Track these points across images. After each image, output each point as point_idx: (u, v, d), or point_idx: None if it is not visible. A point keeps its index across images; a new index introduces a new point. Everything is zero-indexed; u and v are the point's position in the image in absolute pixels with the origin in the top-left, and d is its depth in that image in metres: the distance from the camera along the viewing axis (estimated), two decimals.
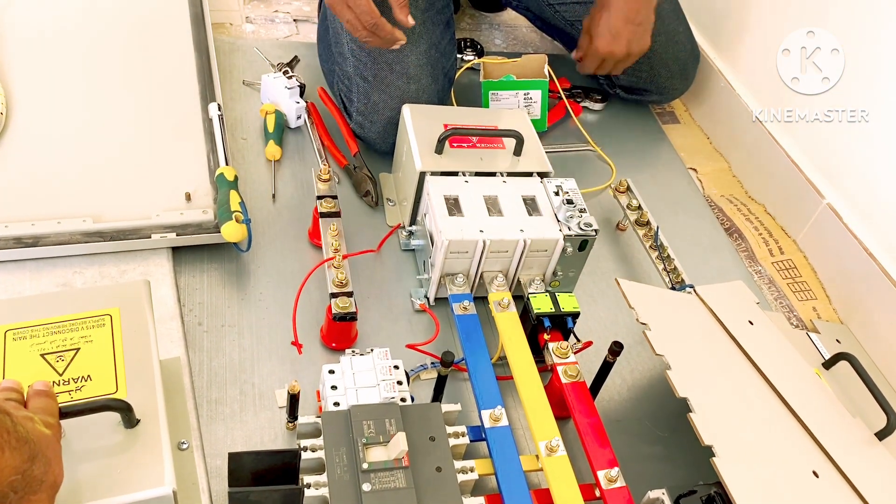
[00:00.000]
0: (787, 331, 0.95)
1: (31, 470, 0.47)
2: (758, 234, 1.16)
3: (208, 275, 0.91)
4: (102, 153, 0.98)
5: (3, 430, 0.46)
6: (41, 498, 0.49)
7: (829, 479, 0.74)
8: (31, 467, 0.47)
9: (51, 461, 0.50)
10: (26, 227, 0.86)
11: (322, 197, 0.93)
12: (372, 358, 0.76)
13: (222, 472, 0.70)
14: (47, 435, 0.51)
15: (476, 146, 0.97)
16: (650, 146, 1.30)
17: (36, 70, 1.07)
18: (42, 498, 0.49)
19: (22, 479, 0.47)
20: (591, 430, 0.75)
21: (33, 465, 0.48)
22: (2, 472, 0.45)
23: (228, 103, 1.14)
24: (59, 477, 0.51)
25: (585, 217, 0.89)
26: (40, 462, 0.48)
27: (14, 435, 0.47)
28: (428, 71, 1.06)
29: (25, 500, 0.47)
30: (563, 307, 0.84)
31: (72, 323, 0.65)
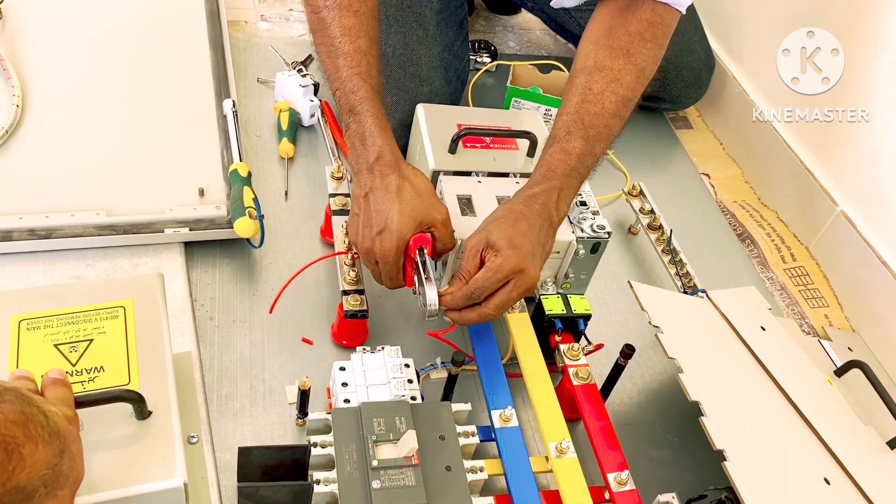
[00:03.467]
0: (798, 337, 0.95)
1: (60, 465, 0.47)
2: (770, 240, 1.16)
3: (220, 270, 0.91)
4: (117, 147, 0.99)
5: (37, 423, 0.45)
6: (66, 493, 0.48)
7: (840, 486, 0.74)
8: (61, 462, 0.47)
9: (75, 456, 0.49)
10: (40, 219, 0.87)
11: (335, 195, 0.93)
12: (383, 356, 0.76)
13: (231, 467, 0.70)
14: (72, 430, 0.50)
15: (489, 146, 0.97)
16: (663, 151, 1.30)
17: (52, 64, 1.07)
18: (66, 493, 0.48)
19: (52, 473, 0.46)
20: (602, 432, 0.74)
21: (62, 459, 0.47)
22: (34, 466, 0.45)
23: (243, 100, 1.14)
24: (81, 473, 0.50)
25: (598, 219, 0.89)
26: (67, 457, 0.48)
27: (47, 429, 0.46)
28: (441, 73, 1.06)
29: (52, 495, 0.46)
30: (574, 309, 0.84)
31: (85, 314, 0.65)
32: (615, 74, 0.81)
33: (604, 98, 0.81)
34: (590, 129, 0.80)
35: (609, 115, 0.81)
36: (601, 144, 0.81)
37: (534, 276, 0.74)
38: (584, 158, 0.80)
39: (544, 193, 0.79)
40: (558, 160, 0.80)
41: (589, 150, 0.80)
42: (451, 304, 0.75)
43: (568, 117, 0.81)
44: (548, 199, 0.78)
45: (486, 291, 0.74)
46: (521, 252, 0.73)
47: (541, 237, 0.77)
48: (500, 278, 0.73)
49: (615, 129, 0.82)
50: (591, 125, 0.80)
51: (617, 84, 0.81)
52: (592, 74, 0.82)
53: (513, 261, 0.73)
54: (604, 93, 0.81)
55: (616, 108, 0.81)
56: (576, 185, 0.81)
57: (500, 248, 0.74)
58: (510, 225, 0.75)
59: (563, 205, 0.80)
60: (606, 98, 0.81)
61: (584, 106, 0.81)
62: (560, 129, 0.81)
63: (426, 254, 0.76)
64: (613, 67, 0.81)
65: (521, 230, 0.75)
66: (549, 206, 0.78)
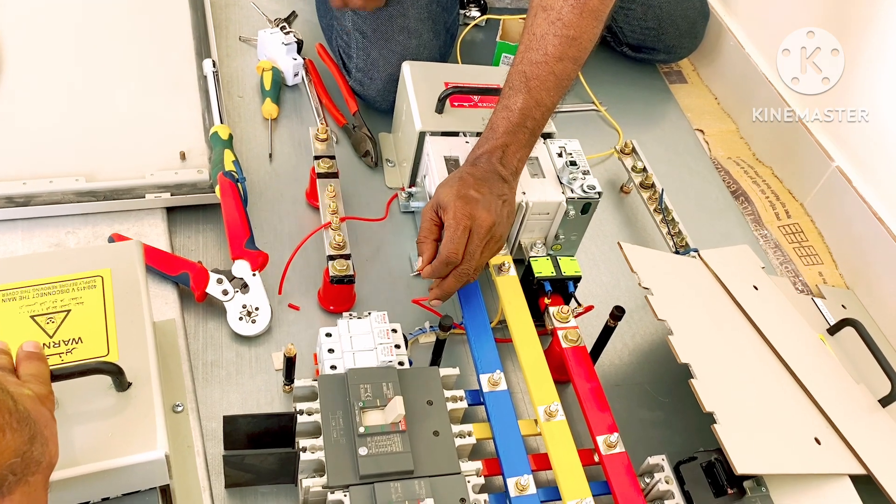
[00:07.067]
0: (792, 296, 0.94)
1: (31, 451, 0.45)
2: (764, 197, 1.14)
3: (204, 236, 0.89)
4: (95, 111, 0.96)
5: (4, 410, 0.44)
6: (38, 479, 0.47)
7: (831, 445, 0.73)
8: (31, 448, 0.45)
9: (48, 441, 0.48)
10: (17, 186, 0.85)
11: (319, 157, 0.91)
12: (369, 321, 0.75)
13: (218, 435, 0.69)
14: (45, 413, 0.49)
15: (478, 105, 0.94)
16: (656, 106, 1.27)
17: (27, 25, 1.03)
18: (39, 479, 0.47)
19: (21, 461, 0.45)
20: (591, 394, 0.74)
21: (32, 446, 0.46)
22: (2, 455, 0.43)
23: (224, 60, 1.11)
24: (55, 457, 0.49)
25: (589, 179, 0.87)
26: (39, 442, 0.46)
27: (15, 416, 0.44)
28: (429, 25, 1.03)
29: (23, 482, 0.45)
30: (564, 271, 0.83)
31: (62, 284, 0.64)
32: (556, 14, 0.77)
33: (546, 42, 0.77)
34: (531, 80, 0.77)
35: (553, 60, 0.77)
36: (548, 93, 0.78)
37: (487, 219, 0.74)
38: (530, 111, 0.78)
39: (486, 154, 0.78)
40: (500, 118, 0.79)
41: (533, 101, 0.78)
42: (434, 274, 0.75)
43: (512, 70, 0.79)
44: (491, 157, 0.78)
45: (459, 251, 0.74)
46: (470, 201, 0.74)
47: (494, 189, 0.76)
48: (462, 230, 0.73)
49: (564, 72, 0.78)
50: (532, 75, 0.77)
51: (559, 24, 0.77)
52: (536, 16, 0.78)
53: (463, 210, 0.73)
54: (545, 36, 0.77)
55: (560, 51, 0.77)
56: (523, 139, 0.79)
57: (448, 204, 0.74)
58: (455, 184, 0.76)
59: (511, 160, 0.79)
60: (548, 41, 0.77)
61: (526, 55, 0.78)
62: (505, 86, 0.79)
63: None
64: (554, 6, 0.77)
65: (468, 185, 0.75)
66: (494, 164, 0.77)
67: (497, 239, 0.77)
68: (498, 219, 0.75)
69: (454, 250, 0.73)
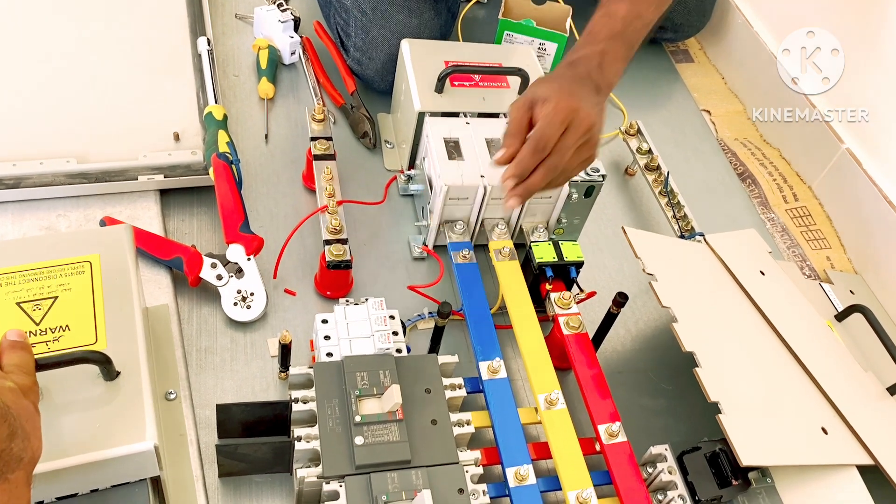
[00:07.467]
0: (799, 281, 0.92)
1: (11, 448, 0.44)
2: (772, 179, 1.12)
3: (198, 219, 0.87)
4: (87, 90, 0.94)
5: None
6: (19, 476, 0.45)
7: (839, 435, 0.72)
8: (11, 445, 0.44)
9: (30, 436, 0.46)
10: (7, 168, 0.83)
11: (316, 138, 0.89)
12: (367, 308, 0.73)
13: (211, 423, 0.68)
14: (27, 406, 0.47)
15: (479, 85, 0.92)
16: (662, 86, 1.24)
17: (17, 4, 1.01)
18: (20, 476, 0.45)
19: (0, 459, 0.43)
20: (593, 382, 0.72)
21: (12, 442, 0.44)
22: None
23: (219, 38, 1.09)
24: (38, 452, 0.47)
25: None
26: (19, 438, 0.44)
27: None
28: (430, 4, 1.00)
29: (2, 479, 0.43)
30: (566, 256, 0.81)
31: (49, 270, 0.62)
32: None
33: None
34: None
35: None
36: (650, 7, 0.77)
37: (588, 116, 0.69)
38: (631, 21, 0.76)
39: (584, 59, 0.74)
40: (601, 24, 0.76)
41: (636, 12, 0.76)
42: (520, 164, 0.68)
43: None
44: (589, 63, 0.74)
45: (552, 140, 0.68)
46: (574, 95, 0.69)
47: (590, 94, 0.72)
48: (561, 121, 0.67)
49: None
50: None
51: None
52: None
53: (567, 102, 0.68)
54: None
55: None
56: (621, 50, 0.76)
57: (550, 96, 0.69)
58: (555, 80, 0.72)
59: (609, 70, 0.75)
60: None
61: None
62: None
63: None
64: None
65: (568, 81, 0.71)
66: (591, 70, 0.74)
67: (592, 144, 0.71)
68: (598, 122, 0.71)
69: (550, 135, 0.67)
